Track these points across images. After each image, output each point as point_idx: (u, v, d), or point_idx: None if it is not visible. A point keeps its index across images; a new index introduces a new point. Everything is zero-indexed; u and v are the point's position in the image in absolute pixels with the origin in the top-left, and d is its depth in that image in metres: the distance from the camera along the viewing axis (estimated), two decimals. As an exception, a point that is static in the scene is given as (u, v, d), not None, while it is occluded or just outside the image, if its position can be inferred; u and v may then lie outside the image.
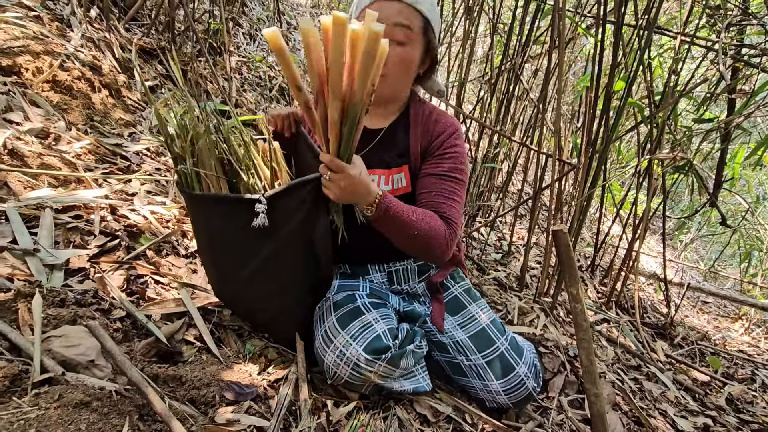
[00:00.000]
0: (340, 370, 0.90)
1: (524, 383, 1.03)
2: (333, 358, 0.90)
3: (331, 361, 0.91)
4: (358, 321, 0.94)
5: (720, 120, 2.20)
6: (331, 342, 0.92)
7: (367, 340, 0.91)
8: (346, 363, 0.89)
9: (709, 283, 4.76)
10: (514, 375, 1.03)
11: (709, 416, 1.68)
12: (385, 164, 1.03)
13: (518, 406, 1.07)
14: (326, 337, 0.94)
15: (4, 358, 0.68)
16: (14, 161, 1.17)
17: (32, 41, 1.63)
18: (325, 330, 0.95)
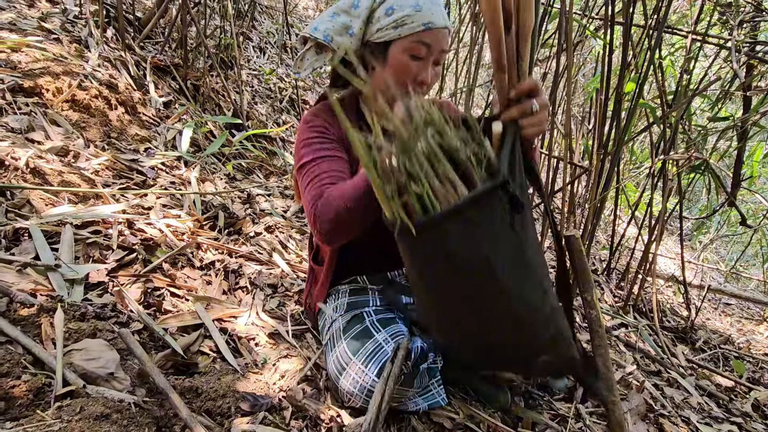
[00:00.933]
0: (354, 397, 0.90)
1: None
2: (347, 385, 0.91)
3: (346, 388, 0.91)
4: (369, 343, 0.94)
5: (736, 118, 2.16)
6: (343, 369, 0.93)
7: (380, 364, 0.90)
8: (360, 390, 0.89)
9: (731, 284, 4.64)
10: None
11: (734, 423, 1.63)
12: None
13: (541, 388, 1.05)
14: (338, 363, 0.94)
15: (28, 371, 0.70)
16: (36, 179, 1.21)
17: (52, 63, 1.69)
18: (336, 356, 0.95)
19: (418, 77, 0.91)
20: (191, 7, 2.53)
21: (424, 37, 0.88)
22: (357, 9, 0.90)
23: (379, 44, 0.91)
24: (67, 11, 2.15)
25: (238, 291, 1.25)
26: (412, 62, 0.90)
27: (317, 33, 0.91)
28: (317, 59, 0.96)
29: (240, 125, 2.28)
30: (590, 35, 2.21)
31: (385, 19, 0.88)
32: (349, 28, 0.91)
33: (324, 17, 0.93)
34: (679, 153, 2.19)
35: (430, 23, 0.87)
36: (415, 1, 0.87)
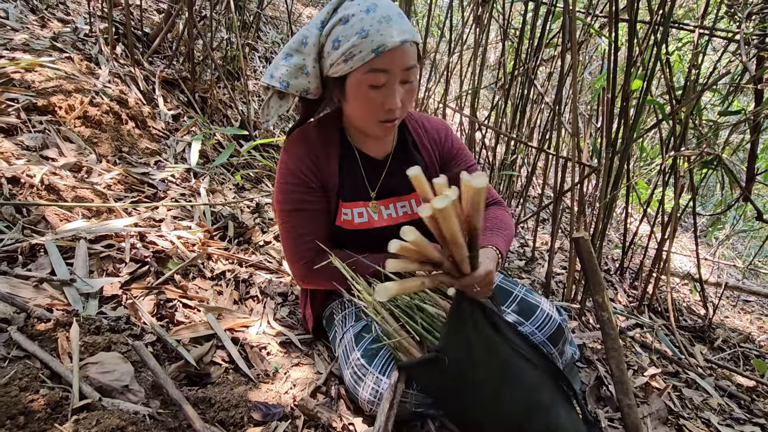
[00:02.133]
0: (375, 405, 0.90)
1: (551, 316, 1.03)
2: (367, 395, 0.91)
3: (366, 398, 0.91)
4: (381, 353, 0.94)
5: (748, 111, 2.12)
6: (361, 380, 0.92)
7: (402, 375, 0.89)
8: (380, 398, 0.89)
9: (749, 281, 4.53)
10: (539, 312, 1.03)
11: (757, 424, 1.59)
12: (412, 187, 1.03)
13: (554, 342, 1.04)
14: (356, 376, 0.93)
15: (46, 385, 0.71)
16: (51, 195, 1.24)
17: (64, 81, 1.74)
18: (352, 368, 0.94)
19: (384, 106, 0.84)
20: (198, 21, 2.58)
21: (377, 64, 0.80)
22: (306, 46, 0.84)
23: (336, 79, 0.85)
24: (78, 30, 2.20)
25: (249, 300, 1.26)
26: (374, 92, 0.83)
27: (273, 81, 0.86)
28: (281, 105, 0.91)
29: (247, 135, 2.30)
30: (595, 33, 2.20)
31: (334, 53, 0.81)
32: (303, 68, 0.85)
33: (278, 61, 0.87)
34: (690, 149, 2.16)
35: (380, 47, 0.78)
36: (360, 26, 0.79)
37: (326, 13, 0.83)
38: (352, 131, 0.99)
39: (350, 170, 0.99)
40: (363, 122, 0.90)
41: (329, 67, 0.84)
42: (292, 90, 0.87)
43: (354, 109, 0.88)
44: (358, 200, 1.00)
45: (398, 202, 1.03)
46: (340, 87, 0.86)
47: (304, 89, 0.87)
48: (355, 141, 1.00)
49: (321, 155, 0.96)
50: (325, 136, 0.97)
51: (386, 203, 1.02)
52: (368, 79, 0.82)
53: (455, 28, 3.26)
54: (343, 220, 0.98)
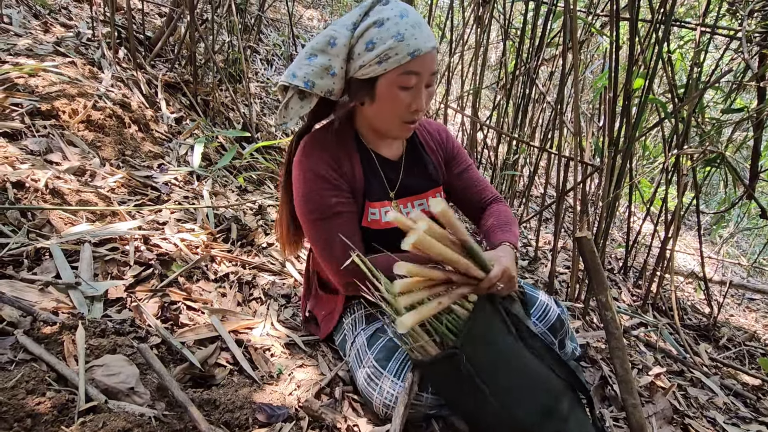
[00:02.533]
0: (390, 410, 0.90)
1: (549, 307, 1.08)
2: (382, 400, 0.91)
3: (381, 403, 0.91)
4: (396, 356, 0.94)
5: (751, 109, 2.11)
6: (376, 385, 0.92)
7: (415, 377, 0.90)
8: (395, 402, 0.89)
9: (754, 279, 4.51)
10: (538, 303, 1.08)
11: (763, 423, 1.58)
12: (426, 186, 1.07)
13: (553, 332, 1.08)
14: (370, 380, 0.94)
15: (52, 388, 0.72)
16: (55, 199, 1.25)
17: (68, 85, 1.75)
18: (366, 373, 0.95)
19: (411, 107, 0.88)
20: (199, 24, 2.59)
21: (411, 67, 0.83)
22: (334, 47, 0.84)
23: (365, 80, 0.86)
24: (81, 34, 2.22)
25: (253, 302, 1.27)
26: (403, 93, 0.86)
27: (296, 80, 0.85)
28: (302, 106, 0.90)
29: (249, 138, 2.31)
30: (596, 32, 2.20)
31: (367, 54, 0.83)
32: (329, 68, 0.85)
33: (300, 61, 0.87)
34: (692, 147, 2.15)
35: (416, 51, 0.82)
36: (396, 30, 0.81)
37: (357, 15, 0.85)
38: (368, 134, 1.00)
39: (372, 171, 1.00)
40: (387, 123, 0.92)
41: (358, 69, 0.85)
42: (317, 90, 0.86)
43: (381, 110, 0.90)
44: (383, 200, 1.01)
45: (416, 200, 1.06)
46: (368, 88, 0.87)
47: (328, 90, 0.87)
48: (370, 143, 1.01)
49: (343, 158, 0.96)
50: (341, 139, 0.97)
51: (404, 202, 1.05)
52: (401, 80, 0.84)
53: (456, 28, 3.26)
54: (370, 220, 0.99)
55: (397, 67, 0.83)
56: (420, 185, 1.06)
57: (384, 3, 0.85)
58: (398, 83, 0.85)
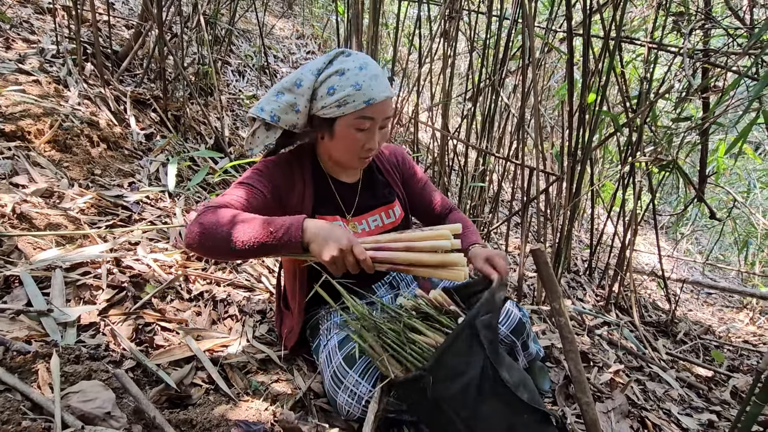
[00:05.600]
0: (352, 408, 0.95)
1: (512, 312, 1.15)
2: (345, 398, 0.95)
3: (344, 401, 0.96)
4: (363, 357, 0.99)
5: (695, 119, 2.27)
6: (341, 383, 0.97)
7: (375, 375, 0.96)
8: (358, 401, 0.94)
9: (712, 273, 4.78)
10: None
11: (713, 412, 1.70)
12: (381, 202, 1.18)
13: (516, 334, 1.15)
14: (335, 378, 0.98)
15: (28, 417, 0.73)
16: (23, 224, 1.24)
17: (32, 105, 1.72)
18: (333, 371, 0.99)
19: (365, 146, 1.00)
20: (168, 39, 2.58)
21: (366, 113, 0.95)
22: (300, 87, 0.95)
23: (325, 119, 0.98)
24: (45, 51, 2.18)
25: (228, 320, 1.29)
26: (359, 134, 0.98)
27: (264, 114, 0.97)
28: (267, 136, 1.01)
29: (222, 154, 2.32)
30: (552, 47, 2.32)
31: (328, 98, 0.94)
32: (294, 105, 0.96)
33: (269, 97, 0.98)
34: (646, 154, 2.30)
35: (371, 99, 0.94)
36: (355, 80, 0.93)
37: (322, 63, 0.96)
38: (326, 161, 1.11)
39: (325, 193, 1.10)
40: (344, 157, 1.04)
41: (320, 108, 0.96)
42: (282, 124, 0.98)
43: (337, 146, 1.01)
44: (335, 215, 1.10)
45: (370, 216, 1.15)
46: (328, 126, 0.99)
47: (292, 124, 0.99)
48: (328, 169, 1.12)
49: (297, 178, 1.06)
50: (300, 163, 1.09)
51: (359, 219, 1.14)
52: (357, 123, 0.96)
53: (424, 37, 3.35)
54: None
55: (354, 111, 0.95)
56: (374, 203, 1.17)
57: (347, 55, 0.97)
58: (354, 125, 0.96)
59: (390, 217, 1.18)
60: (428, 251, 0.89)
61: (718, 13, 2.42)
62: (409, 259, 0.89)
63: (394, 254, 0.89)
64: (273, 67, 4.19)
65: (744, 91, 2.11)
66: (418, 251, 0.89)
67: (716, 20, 1.95)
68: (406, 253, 0.89)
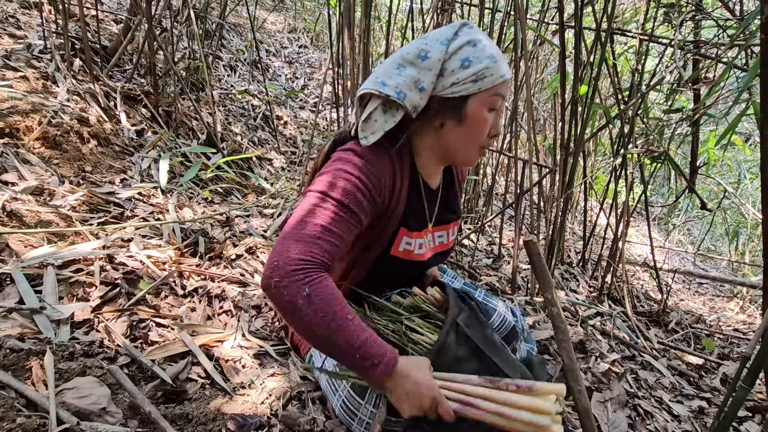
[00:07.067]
0: None
1: (506, 319, 1.10)
2: (361, 429, 0.90)
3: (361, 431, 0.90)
4: None
5: (686, 110, 2.29)
6: (355, 415, 0.90)
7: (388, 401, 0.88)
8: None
9: (703, 264, 4.84)
10: (495, 316, 1.09)
11: (704, 398, 1.74)
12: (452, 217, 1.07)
13: (508, 341, 1.10)
14: (347, 408, 0.91)
15: (22, 414, 0.73)
16: (13, 222, 1.23)
17: (20, 101, 1.70)
18: (343, 400, 0.92)
19: (492, 131, 0.88)
20: (158, 33, 2.55)
21: (501, 89, 0.84)
22: (426, 60, 0.80)
23: (452, 99, 0.83)
24: (32, 46, 2.15)
25: (223, 315, 1.29)
26: (489, 115, 0.85)
27: (387, 89, 0.80)
28: (386, 120, 0.83)
29: (214, 151, 2.30)
30: (544, 40, 2.32)
31: (462, 71, 0.81)
32: (418, 81, 0.81)
33: (388, 70, 0.83)
34: (638, 146, 2.31)
35: (505, 74, 0.83)
36: (490, 52, 0.81)
37: (449, 33, 0.83)
38: (426, 160, 0.95)
39: (417, 201, 0.96)
40: (466, 147, 0.88)
41: (449, 86, 0.82)
42: (407, 103, 0.81)
43: (465, 133, 0.86)
44: (420, 230, 0.98)
45: (437, 231, 1.04)
46: (455, 107, 0.83)
47: (415, 105, 0.83)
48: (422, 170, 0.96)
49: (398, 177, 0.90)
50: (402, 164, 0.91)
51: (433, 232, 1.03)
52: (492, 102, 0.84)
53: (417, 29, 3.33)
54: (402, 250, 0.96)
55: (491, 87, 0.82)
56: (446, 217, 1.05)
57: (470, 26, 0.84)
58: (488, 104, 0.84)
59: (453, 234, 1.09)
60: (522, 423, 0.74)
61: (708, 5, 2.44)
62: (495, 423, 0.76)
63: (481, 415, 0.76)
64: (265, 62, 4.16)
65: (734, 82, 2.13)
66: (508, 419, 0.75)
67: (707, 11, 1.96)
68: (494, 417, 0.76)
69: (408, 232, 0.94)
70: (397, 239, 0.94)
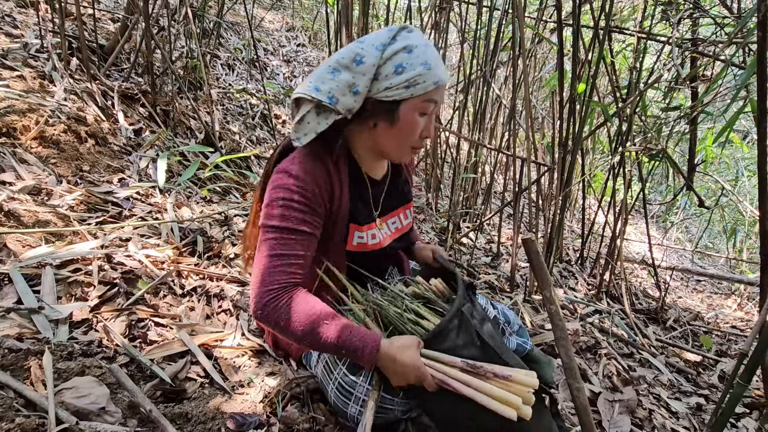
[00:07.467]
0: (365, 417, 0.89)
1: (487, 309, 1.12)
2: (357, 408, 0.90)
3: (356, 411, 0.90)
4: None
5: (684, 108, 2.30)
6: (350, 394, 0.91)
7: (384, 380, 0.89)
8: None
9: (701, 261, 4.86)
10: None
11: (701, 395, 1.75)
12: (402, 201, 1.11)
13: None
14: (342, 390, 0.92)
15: (21, 414, 0.73)
16: (11, 222, 1.22)
17: (17, 100, 1.70)
18: (338, 383, 0.93)
19: (423, 133, 0.91)
20: (155, 32, 2.54)
21: (433, 95, 0.87)
22: (361, 65, 0.83)
23: (385, 102, 0.86)
24: (28, 46, 2.14)
25: (222, 314, 1.29)
26: (420, 119, 0.89)
27: (320, 94, 0.84)
28: (319, 122, 0.86)
29: (213, 148, 2.30)
30: (542, 38, 2.32)
31: (396, 77, 0.84)
32: (353, 86, 0.84)
33: (322, 75, 0.85)
34: (636, 144, 2.32)
35: (439, 80, 0.86)
36: (425, 58, 0.84)
37: (386, 38, 0.85)
38: (366, 155, 0.98)
39: (360, 195, 0.99)
40: (398, 146, 0.93)
41: (382, 90, 0.85)
42: (340, 107, 0.85)
43: (396, 134, 0.90)
44: (370, 222, 1.01)
45: (390, 218, 1.08)
46: (387, 111, 0.87)
47: (349, 108, 0.86)
48: (364, 165, 1.00)
49: (335, 178, 0.93)
50: (337, 164, 0.94)
51: (384, 220, 1.07)
52: (423, 107, 0.87)
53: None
54: (356, 243, 0.99)
55: (423, 93, 0.86)
56: (394, 204, 1.08)
57: (409, 30, 0.87)
58: (420, 109, 0.87)
59: (407, 217, 1.12)
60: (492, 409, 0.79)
61: (706, 3, 2.44)
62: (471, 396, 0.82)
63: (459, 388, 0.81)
64: (263, 60, 4.15)
65: (732, 80, 2.14)
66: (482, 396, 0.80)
67: (704, 9, 1.96)
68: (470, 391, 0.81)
69: (358, 226, 0.98)
70: (350, 235, 0.98)
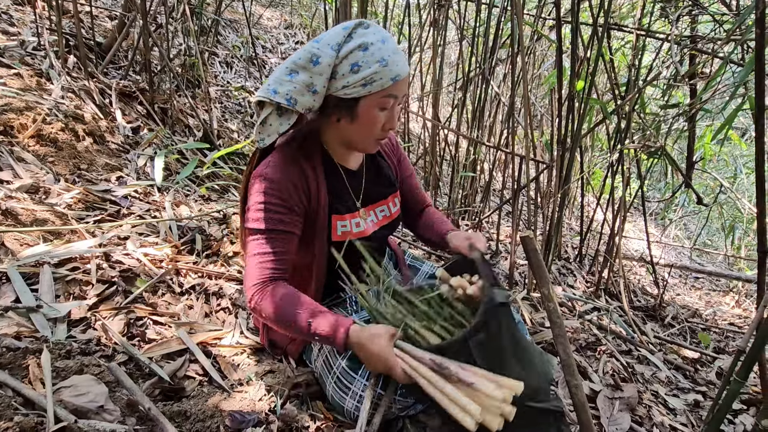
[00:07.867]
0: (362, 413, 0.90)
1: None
2: (353, 403, 0.92)
3: (352, 407, 0.92)
4: None
5: (683, 105, 2.30)
6: (348, 388, 0.93)
7: (382, 377, 0.91)
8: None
9: (699, 258, 4.87)
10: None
11: (699, 392, 1.75)
12: (386, 192, 1.13)
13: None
14: (341, 384, 0.94)
15: (19, 412, 0.73)
16: (8, 220, 1.22)
17: (14, 99, 1.69)
18: (337, 377, 0.95)
19: (386, 126, 0.93)
20: (153, 30, 2.53)
21: (392, 91, 0.88)
22: (317, 65, 0.85)
23: (345, 99, 0.89)
24: (25, 43, 2.13)
25: (220, 312, 1.29)
26: (381, 114, 0.91)
27: (278, 97, 0.86)
28: (281, 123, 0.90)
29: (210, 146, 2.30)
30: (541, 35, 2.32)
31: (352, 76, 0.85)
32: (311, 86, 0.86)
33: (280, 77, 0.87)
34: (635, 141, 2.32)
35: (397, 76, 0.87)
36: (380, 56, 0.85)
37: (341, 36, 0.86)
38: (336, 147, 1.02)
39: (338, 185, 1.02)
40: (363, 140, 0.96)
41: (340, 88, 0.87)
42: (299, 107, 0.88)
43: (358, 128, 0.93)
44: (353, 212, 1.04)
45: (377, 207, 1.10)
46: (348, 108, 0.90)
47: (308, 107, 0.89)
48: (336, 156, 1.03)
49: (310, 175, 0.96)
50: (309, 154, 0.98)
51: (369, 210, 1.09)
52: (382, 102, 0.89)
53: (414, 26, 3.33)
54: (341, 233, 1.01)
55: (380, 90, 0.87)
56: (381, 192, 1.11)
57: (365, 27, 0.88)
58: (379, 105, 0.89)
59: (395, 205, 1.14)
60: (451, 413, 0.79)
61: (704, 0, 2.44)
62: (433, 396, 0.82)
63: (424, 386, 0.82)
64: (261, 58, 4.14)
65: (730, 77, 2.14)
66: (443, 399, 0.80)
67: (703, 6, 1.96)
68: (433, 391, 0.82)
69: (340, 216, 1.01)
70: (333, 225, 1.01)
